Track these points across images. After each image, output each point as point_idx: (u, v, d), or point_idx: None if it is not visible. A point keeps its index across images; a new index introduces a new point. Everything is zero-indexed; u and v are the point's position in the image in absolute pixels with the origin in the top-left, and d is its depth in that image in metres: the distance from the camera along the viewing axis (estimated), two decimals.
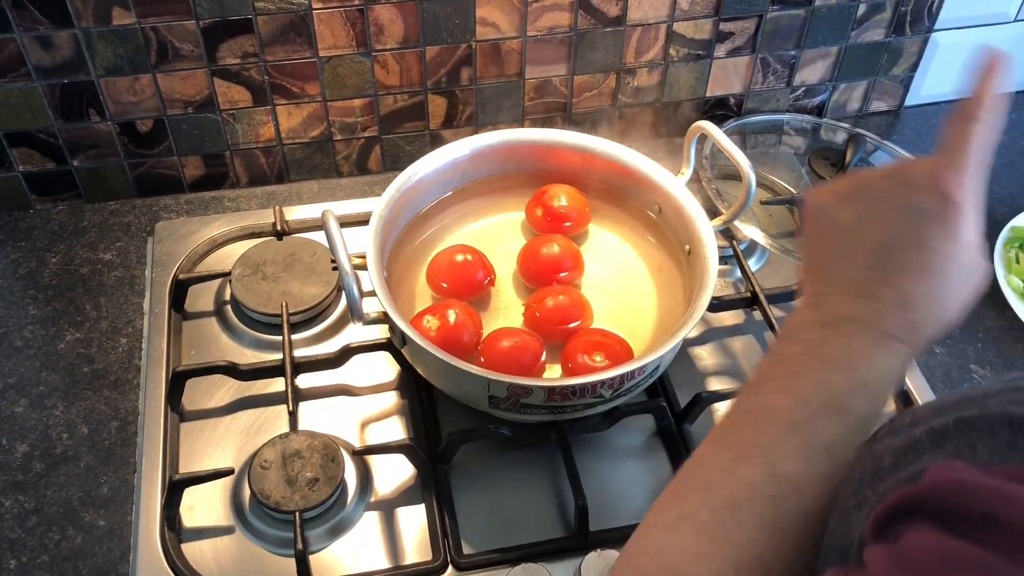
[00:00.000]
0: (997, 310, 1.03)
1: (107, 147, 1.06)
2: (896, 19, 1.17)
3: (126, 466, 0.87)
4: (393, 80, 1.08)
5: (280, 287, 0.98)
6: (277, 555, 0.81)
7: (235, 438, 0.89)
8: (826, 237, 0.58)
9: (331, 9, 1.00)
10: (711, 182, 1.07)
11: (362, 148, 1.14)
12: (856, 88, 1.24)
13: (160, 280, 1.01)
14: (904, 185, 0.55)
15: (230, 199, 1.12)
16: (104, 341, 0.97)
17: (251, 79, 1.04)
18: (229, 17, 0.98)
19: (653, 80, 1.16)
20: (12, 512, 0.83)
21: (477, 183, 1.02)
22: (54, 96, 1.01)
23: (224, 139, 1.09)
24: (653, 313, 0.94)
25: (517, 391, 0.80)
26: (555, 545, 0.81)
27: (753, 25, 1.13)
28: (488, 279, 0.94)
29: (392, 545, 0.82)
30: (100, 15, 0.95)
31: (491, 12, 1.04)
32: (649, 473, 0.88)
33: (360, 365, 0.93)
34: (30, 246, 1.06)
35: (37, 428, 0.89)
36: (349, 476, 0.85)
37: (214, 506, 0.84)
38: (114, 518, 0.83)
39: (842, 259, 0.56)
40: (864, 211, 0.56)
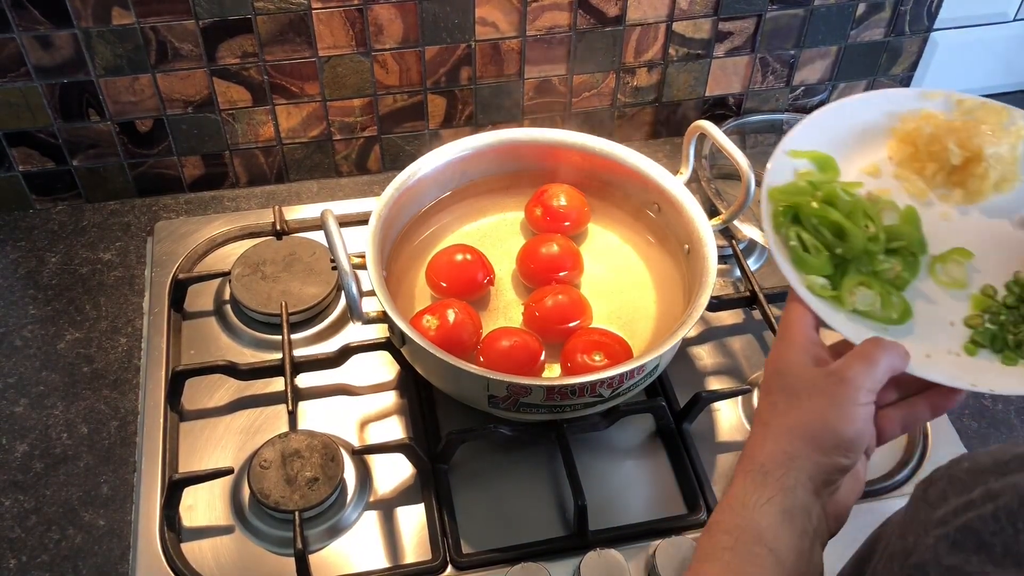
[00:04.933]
0: None
1: (107, 147, 1.07)
2: (895, 18, 1.17)
3: (126, 466, 0.87)
4: (392, 80, 1.08)
5: (280, 287, 0.98)
6: (277, 554, 0.81)
7: (235, 438, 0.89)
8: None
9: (330, 9, 1.00)
10: (710, 182, 1.07)
11: (362, 148, 1.15)
12: (855, 88, 1.24)
13: (160, 280, 1.01)
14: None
15: (230, 199, 1.12)
16: (104, 341, 0.97)
17: (251, 79, 1.04)
18: (229, 17, 0.98)
19: (652, 80, 1.16)
20: (12, 512, 0.84)
21: (476, 183, 1.02)
22: (54, 96, 1.01)
23: (224, 139, 1.09)
24: (652, 313, 0.94)
25: (516, 390, 0.80)
26: (554, 544, 0.81)
27: (752, 25, 1.13)
28: (487, 279, 0.94)
29: (391, 544, 0.82)
30: (100, 15, 0.95)
31: (490, 12, 1.04)
32: (649, 473, 0.88)
33: (359, 365, 0.94)
34: (30, 246, 1.06)
35: (37, 428, 0.89)
36: (348, 476, 0.85)
37: (214, 506, 0.84)
38: (114, 518, 0.83)
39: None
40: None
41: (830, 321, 0.65)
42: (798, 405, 0.60)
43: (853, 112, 0.76)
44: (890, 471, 0.88)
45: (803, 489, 0.58)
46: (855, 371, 0.59)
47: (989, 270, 0.70)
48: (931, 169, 0.73)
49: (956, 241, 0.71)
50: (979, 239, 0.71)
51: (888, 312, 0.66)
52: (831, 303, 0.66)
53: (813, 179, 0.70)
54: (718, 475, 0.87)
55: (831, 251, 0.67)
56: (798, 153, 0.72)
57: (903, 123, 0.75)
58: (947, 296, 0.69)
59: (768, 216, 0.68)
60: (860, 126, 0.75)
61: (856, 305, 0.66)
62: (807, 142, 0.72)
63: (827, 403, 0.59)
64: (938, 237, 0.70)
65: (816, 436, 0.58)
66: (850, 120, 0.75)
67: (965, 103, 0.75)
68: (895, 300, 0.67)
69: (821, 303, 0.65)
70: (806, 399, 0.60)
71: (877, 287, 0.67)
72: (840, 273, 0.67)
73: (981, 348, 0.66)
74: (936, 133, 0.73)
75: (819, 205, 0.68)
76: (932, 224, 0.71)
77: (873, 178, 0.73)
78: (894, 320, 0.66)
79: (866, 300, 0.66)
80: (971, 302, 0.69)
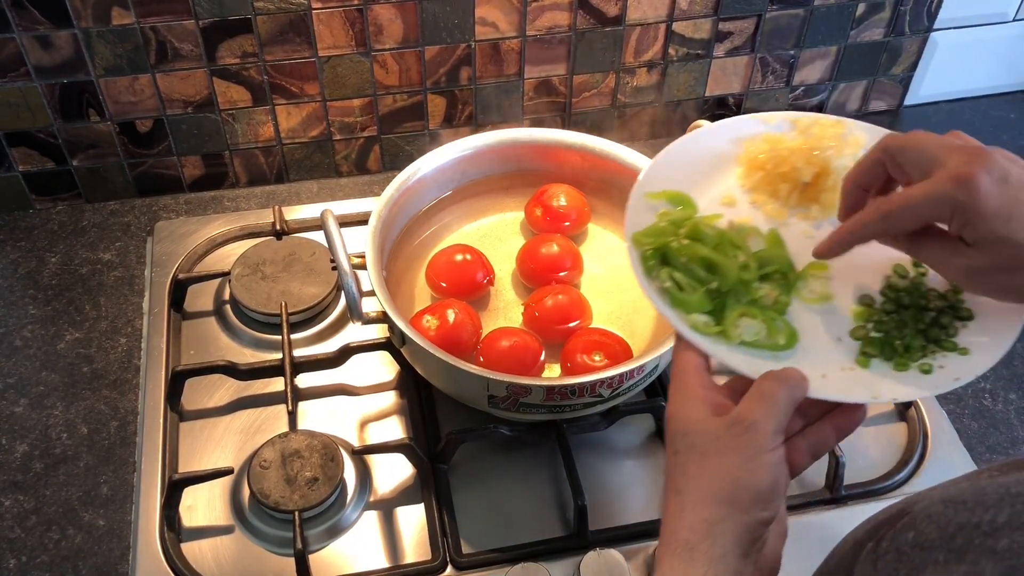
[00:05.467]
0: None
1: (107, 147, 1.07)
2: (895, 19, 1.17)
3: (125, 466, 0.87)
4: (392, 80, 1.08)
5: (279, 287, 0.98)
6: (276, 554, 0.81)
7: (234, 438, 0.89)
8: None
9: (330, 9, 1.00)
10: None
11: (361, 148, 1.15)
12: (855, 88, 1.24)
13: (159, 280, 1.01)
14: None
15: (229, 199, 1.12)
16: (104, 341, 0.97)
17: (250, 79, 1.04)
18: (228, 17, 0.98)
19: (652, 80, 1.16)
20: (12, 512, 0.84)
21: (476, 183, 1.02)
22: (54, 96, 1.01)
23: (223, 139, 1.09)
24: (652, 313, 0.94)
25: (516, 390, 0.80)
26: (554, 544, 0.81)
27: (752, 25, 1.13)
28: (487, 279, 0.94)
29: (391, 544, 0.82)
30: (99, 15, 0.95)
31: (490, 12, 1.04)
32: (648, 472, 0.88)
33: (359, 365, 0.94)
34: (30, 246, 1.06)
35: (37, 428, 0.89)
36: (348, 476, 0.85)
37: (213, 506, 0.84)
38: (114, 518, 0.83)
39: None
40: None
41: (721, 358, 0.63)
42: (707, 466, 0.57)
43: (698, 146, 0.75)
44: (889, 471, 0.88)
45: (732, 555, 0.55)
46: (757, 415, 0.57)
47: (861, 280, 0.69)
48: (784, 190, 0.72)
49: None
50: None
51: (775, 338, 0.65)
52: (717, 339, 0.64)
53: (674, 217, 0.69)
54: None
55: (706, 287, 0.65)
56: (653, 195, 0.71)
57: (748, 150, 0.74)
58: (828, 312, 0.68)
59: (637, 262, 0.67)
60: (707, 159, 0.74)
61: (742, 337, 0.65)
62: (659, 183, 0.71)
63: (737, 459, 0.56)
64: (804, 256, 0.69)
65: (733, 497, 0.56)
66: (696, 154, 0.74)
67: (801, 122, 0.75)
68: (779, 325, 0.66)
69: (708, 341, 0.63)
70: (715, 457, 0.57)
71: (759, 315, 0.65)
72: (720, 307, 0.66)
73: (873, 359, 0.65)
74: (782, 154, 0.72)
75: (685, 242, 0.66)
76: (796, 243, 0.70)
77: (730, 208, 0.72)
78: (783, 345, 0.65)
79: (751, 330, 0.65)
80: (852, 314, 0.68)
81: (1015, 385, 0.97)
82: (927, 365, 0.64)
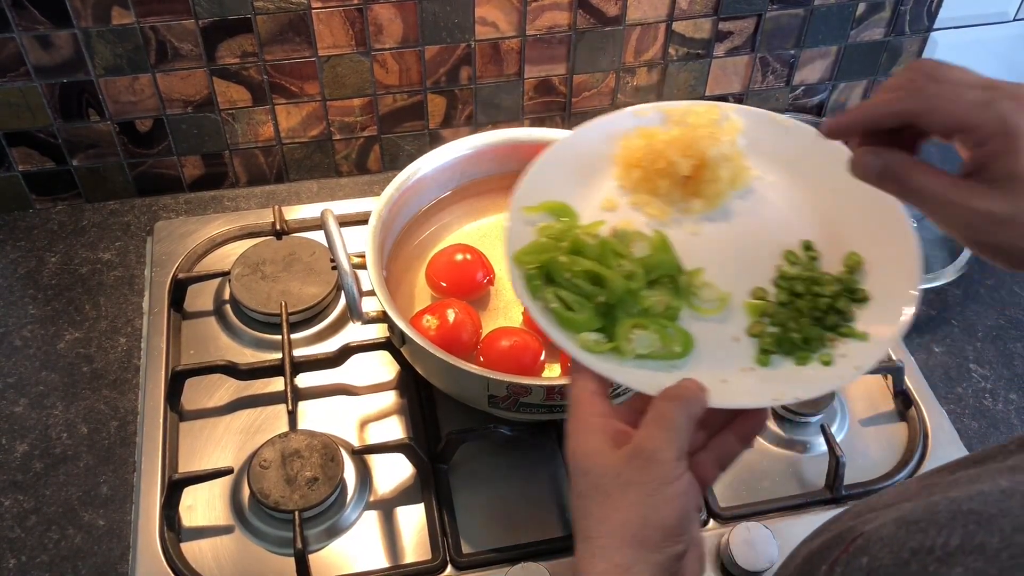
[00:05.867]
0: (996, 310, 1.03)
1: (106, 147, 1.06)
2: (895, 18, 1.17)
3: (125, 466, 0.87)
4: (392, 79, 1.08)
5: (279, 286, 0.98)
6: (276, 554, 0.81)
7: (234, 438, 0.89)
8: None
9: (330, 8, 1.00)
10: None
11: (361, 148, 1.14)
12: (856, 87, 1.24)
13: (159, 280, 1.01)
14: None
15: (229, 199, 1.12)
16: (103, 341, 0.97)
17: (250, 79, 1.04)
18: (228, 16, 0.98)
19: (652, 79, 1.16)
20: (12, 512, 0.83)
21: (476, 182, 1.02)
22: (53, 96, 1.01)
23: (223, 139, 1.09)
24: None
25: (516, 390, 0.80)
26: (554, 544, 0.81)
27: (752, 24, 1.13)
28: (487, 278, 0.94)
29: (391, 544, 0.82)
30: (99, 15, 0.95)
31: (490, 11, 1.04)
32: None
33: (359, 364, 0.93)
34: (30, 246, 1.06)
35: (37, 428, 0.89)
36: (348, 475, 0.85)
37: (213, 506, 0.84)
38: (113, 518, 0.83)
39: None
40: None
41: (617, 377, 0.60)
42: (613, 507, 0.54)
43: (574, 150, 0.72)
44: (890, 471, 0.88)
45: None
46: (657, 442, 0.54)
47: (753, 272, 0.67)
48: (664, 186, 0.70)
49: (709, 253, 0.67)
50: (732, 243, 0.68)
51: (670, 347, 0.62)
52: (611, 357, 0.61)
53: (554, 231, 0.66)
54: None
55: (594, 302, 0.62)
56: (531, 208, 0.67)
57: (624, 148, 0.71)
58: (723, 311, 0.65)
59: (520, 283, 0.63)
60: (584, 162, 0.71)
61: (637, 350, 0.61)
62: (537, 194, 0.68)
63: (642, 495, 0.53)
64: (692, 255, 0.66)
65: (643, 538, 0.53)
66: (573, 159, 0.71)
67: (674, 112, 0.72)
68: (673, 333, 0.63)
69: (602, 360, 0.60)
70: (619, 497, 0.54)
71: (652, 325, 0.62)
72: (611, 322, 0.62)
73: (772, 355, 0.63)
74: (657, 149, 0.69)
75: (568, 258, 0.63)
76: (683, 243, 0.67)
77: (612, 212, 0.69)
78: (679, 353, 0.62)
79: (644, 342, 0.62)
80: (747, 310, 0.65)
81: (1015, 385, 0.97)
82: (828, 356, 0.62)
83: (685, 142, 0.69)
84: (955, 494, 0.41)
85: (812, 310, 0.64)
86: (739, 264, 0.67)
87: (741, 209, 0.71)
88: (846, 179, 0.59)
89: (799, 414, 0.89)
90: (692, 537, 0.55)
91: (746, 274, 0.67)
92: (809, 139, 0.72)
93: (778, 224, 0.70)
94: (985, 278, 1.07)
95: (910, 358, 0.97)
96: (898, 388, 0.93)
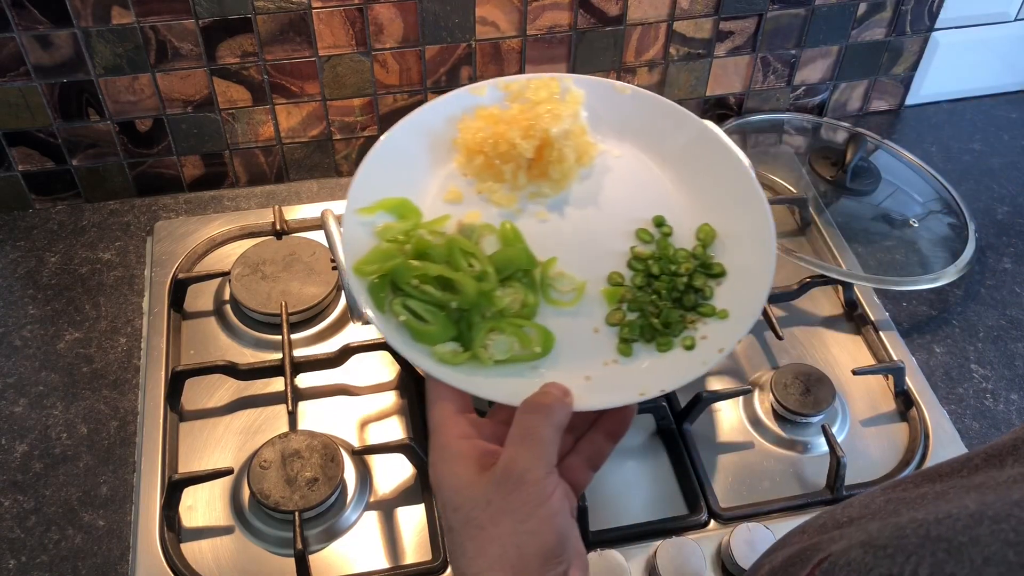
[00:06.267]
0: (997, 310, 1.03)
1: (106, 146, 1.06)
2: (896, 18, 1.16)
3: (125, 466, 0.87)
4: (393, 79, 1.08)
5: (279, 286, 0.98)
6: (277, 555, 0.81)
7: (234, 438, 0.89)
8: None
9: (330, 8, 1.00)
10: None
11: (362, 147, 1.14)
12: (856, 87, 1.24)
13: (159, 280, 1.00)
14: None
15: (229, 199, 1.12)
16: (103, 341, 0.97)
17: (250, 78, 1.04)
18: (228, 16, 0.98)
19: (653, 79, 1.16)
20: (11, 512, 0.83)
21: None
22: (53, 95, 1.01)
23: (223, 138, 1.09)
24: None
25: None
26: None
27: (753, 24, 1.13)
28: None
29: (391, 545, 0.82)
30: (99, 14, 0.95)
31: (490, 11, 1.04)
32: (649, 473, 0.87)
33: (359, 365, 0.93)
34: (29, 246, 1.06)
35: (36, 428, 0.89)
36: (348, 476, 0.85)
37: (213, 506, 0.84)
38: (113, 518, 0.83)
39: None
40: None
41: (478, 391, 0.56)
42: (488, 539, 0.51)
43: (409, 137, 0.67)
44: (891, 471, 0.88)
45: None
46: (523, 463, 0.52)
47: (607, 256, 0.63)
48: (509, 171, 0.66)
49: (561, 239, 0.64)
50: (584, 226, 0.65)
51: (530, 348, 0.58)
52: (470, 366, 0.57)
53: (395, 233, 0.61)
54: (718, 475, 0.87)
55: (446, 309, 0.58)
56: (368, 209, 0.62)
57: (463, 131, 0.67)
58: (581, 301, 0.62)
59: (365, 298, 0.59)
60: (423, 149, 0.67)
61: (495, 356, 0.58)
62: (374, 191, 0.63)
63: (515, 522, 0.51)
64: (544, 243, 0.63)
65: (522, 568, 0.50)
66: (410, 147, 0.67)
67: (512, 87, 0.68)
68: (531, 332, 0.59)
69: (460, 372, 0.57)
70: (492, 528, 0.51)
71: (509, 327, 0.59)
72: (467, 328, 0.58)
73: (634, 343, 0.60)
74: (499, 131, 0.65)
75: (413, 263, 0.58)
76: (533, 231, 0.63)
77: (457, 204, 0.65)
78: (539, 353, 0.59)
79: (502, 347, 0.58)
80: (605, 297, 0.61)
81: (1016, 385, 0.97)
82: (690, 339, 0.60)
83: (526, 121, 0.65)
84: (922, 516, 0.40)
85: (670, 291, 0.61)
86: (593, 248, 0.64)
87: (590, 188, 0.67)
88: (693, 146, 0.58)
89: (800, 414, 0.89)
90: (572, 552, 0.53)
91: (601, 258, 0.63)
92: (650, 105, 0.69)
93: (629, 200, 0.67)
94: (986, 278, 1.07)
95: (911, 358, 0.97)
96: (899, 388, 0.93)
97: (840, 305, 1.03)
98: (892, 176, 1.15)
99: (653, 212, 0.66)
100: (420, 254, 0.59)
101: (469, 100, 0.68)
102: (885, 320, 1.00)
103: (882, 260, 1.06)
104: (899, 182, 1.14)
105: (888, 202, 1.13)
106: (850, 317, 1.02)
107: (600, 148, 0.69)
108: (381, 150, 0.66)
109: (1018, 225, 1.13)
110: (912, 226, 1.10)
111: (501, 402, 0.56)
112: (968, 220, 1.07)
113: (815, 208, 1.11)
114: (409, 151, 0.67)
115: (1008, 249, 1.10)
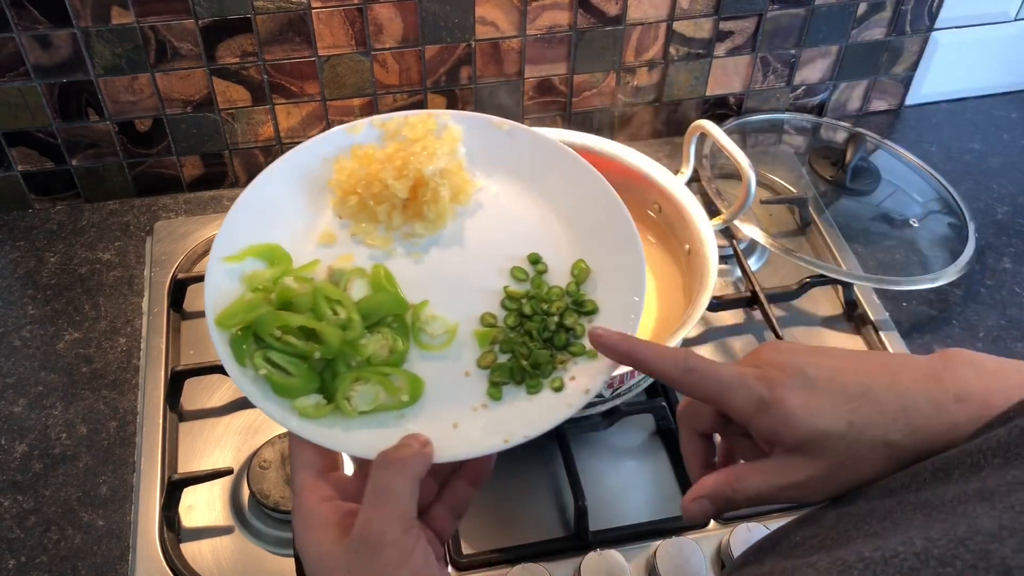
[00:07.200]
0: (997, 310, 1.03)
1: (106, 146, 1.06)
2: (896, 18, 1.16)
3: (125, 466, 0.87)
4: (392, 79, 1.08)
5: None
6: (276, 555, 0.81)
7: (234, 438, 0.89)
8: None
9: (330, 8, 1.00)
10: (711, 181, 1.07)
11: None
12: (856, 87, 1.24)
13: (159, 280, 1.00)
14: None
15: (229, 199, 1.12)
16: (103, 341, 0.97)
17: (250, 78, 1.04)
18: (228, 16, 0.98)
19: (653, 79, 1.16)
20: (11, 512, 0.83)
21: None
22: (53, 95, 1.00)
23: (223, 138, 1.09)
24: (653, 313, 0.94)
25: None
26: (554, 545, 0.81)
27: (753, 24, 1.13)
28: None
29: None
30: (99, 14, 0.95)
31: (490, 11, 1.04)
32: (649, 473, 0.87)
33: None
34: (29, 246, 1.06)
35: (36, 428, 0.89)
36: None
37: (213, 506, 0.84)
38: (113, 518, 0.83)
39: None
40: None
41: (341, 447, 0.55)
42: None
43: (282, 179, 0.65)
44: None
45: None
46: (380, 525, 0.50)
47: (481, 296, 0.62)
48: (383, 212, 0.64)
49: (435, 281, 0.63)
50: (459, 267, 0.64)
51: (396, 396, 0.57)
52: (333, 420, 0.56)
53: (262, 282, 0.59)
54: None
55: (310, 359, 0.56)
56: (236, 257, 0.60)
57: (338, 172, 0.65)
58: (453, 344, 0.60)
59: (225, 351, 0.57)
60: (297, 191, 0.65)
61: (359, 407, 0.56)
62: (239, 239, 0.61)
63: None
64: (417, 285, 0.62)
65: None
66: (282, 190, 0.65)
67: (388, 125, 0.67)
68: (397, 380, 0.58)
69: (323, 427, 0.55)
70: None
71: (374, 376, 0.57)
72: (332, 378, 0.57)
73: (504, 387, 0.59)
74: (372, 171, 0.64)
75: (275, 313, 0.56)
76: (407, 273, 0.62)
77: (330, 247, 0.64)
78: (407, 402, 0.57)
79: (367, 397, 0.56)
80: (477, 339, 0.60)
81: None
82: (558, 381, 0.59)
83: (400, 160, 0.64)
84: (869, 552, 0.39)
85: (541, 331, 0.60)
86: (467, 289, 0.63)
87: (467, 226, 0.66)
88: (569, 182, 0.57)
89: None
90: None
91: (476, 299, 0.63)
92: (528, 141, 0.68)
93: (506, 238, 0.66)
94: (986, 278, 1.07)
95: None
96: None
97: (840, 305, 1.03)
98: (892, 176, 1.15)
99: (529, 249, 0.65)
100: (284, 303, 0.58)
101: (345, 139, 0.67)
102: (885, 320, 1.00)
103: (882, 260, 1.06)
104: (899, 182, 1.14)
105: (888, 202, 1.13)
106: (850, 317, 1.02)
107: (478, 185, 0.68)
108: (250, 194, 0.64)
109: (1018, 225, 1.13)
110: (912, 226, 1.10)
111: (361, 456, 0.55)
112: (968, 220, 1.07)
113: (815, 208, 1.11)
114: (283, 193, 0.65)
115: (1008, 249, 1.10)
